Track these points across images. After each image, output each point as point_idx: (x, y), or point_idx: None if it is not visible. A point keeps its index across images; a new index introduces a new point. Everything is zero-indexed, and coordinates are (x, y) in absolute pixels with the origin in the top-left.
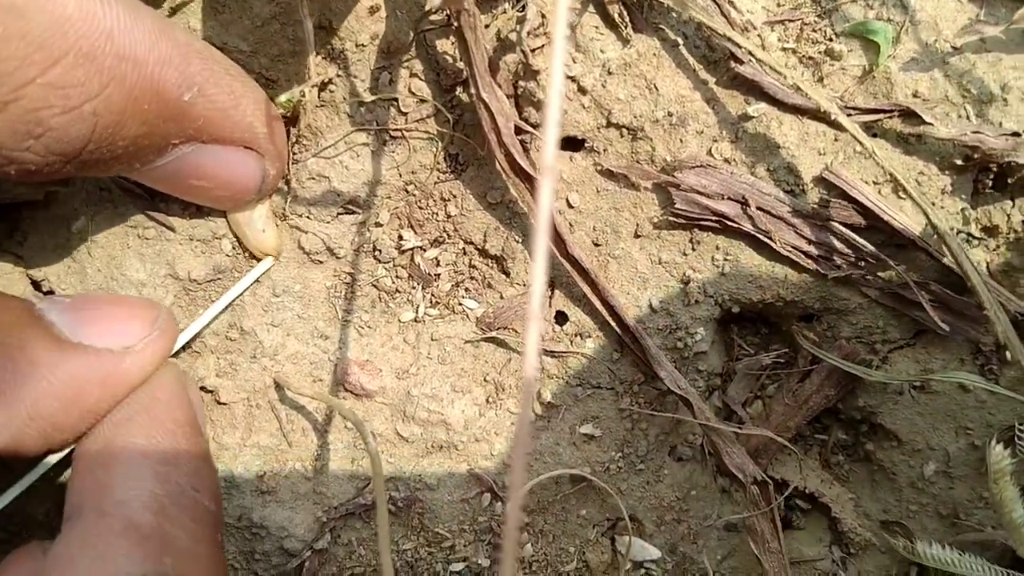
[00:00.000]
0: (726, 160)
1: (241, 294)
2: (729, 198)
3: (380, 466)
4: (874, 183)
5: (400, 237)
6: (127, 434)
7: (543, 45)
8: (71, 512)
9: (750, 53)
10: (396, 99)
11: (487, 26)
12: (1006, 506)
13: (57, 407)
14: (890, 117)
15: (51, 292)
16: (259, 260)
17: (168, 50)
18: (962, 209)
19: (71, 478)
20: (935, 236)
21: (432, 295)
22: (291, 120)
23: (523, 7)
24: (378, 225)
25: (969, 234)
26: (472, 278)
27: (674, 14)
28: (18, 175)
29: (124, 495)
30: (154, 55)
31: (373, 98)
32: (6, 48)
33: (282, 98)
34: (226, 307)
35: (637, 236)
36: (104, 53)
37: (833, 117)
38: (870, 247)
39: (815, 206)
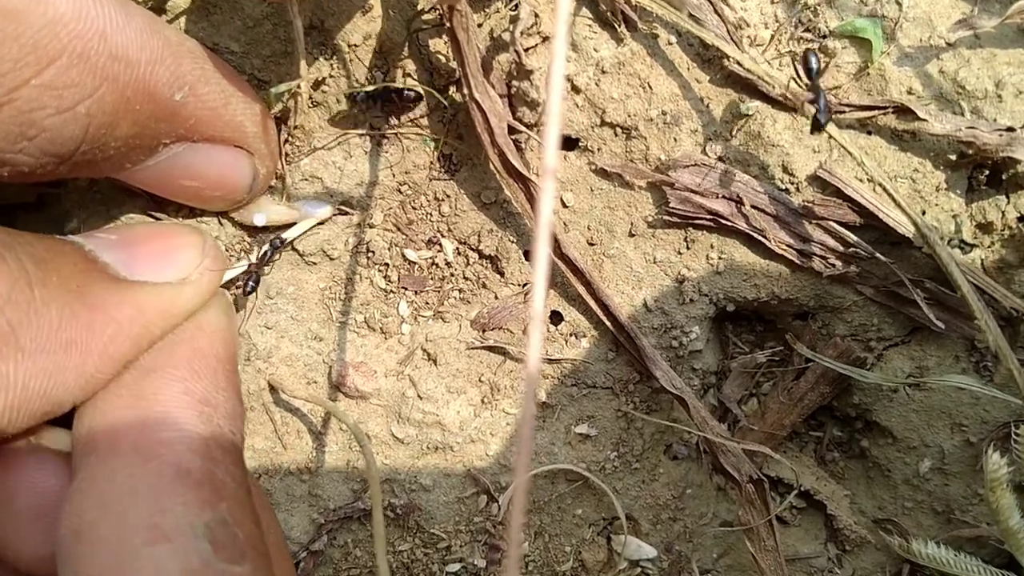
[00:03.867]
0: (720, 159)
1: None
2: (723, 197)
3: (375, 469)
4: (868, 180)
5: (394, 238)
6: (168, 364)
7: (536, 44)
8: (101, 442)
9: (738, 63)
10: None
11: (480, 25)
12: (1003, 514)
13: (128, 347)
14: (885, 114)
15: None
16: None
17: (159, 49)
18: (955, 216)
19: (96, 401)
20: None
21: (426, 296)
22: (282, 120)
23: (516, 6)
24: (371, 226)
25: (962, 241)
26: (466, 278)
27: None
28: (11, 176)
29: (167, 434)
30: (146, 54)
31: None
32: (0, 51)
33: (275, 90)
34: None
35: (632, 235)
36: (97, 53)
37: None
38: (865, 245)
39: (809, 204)
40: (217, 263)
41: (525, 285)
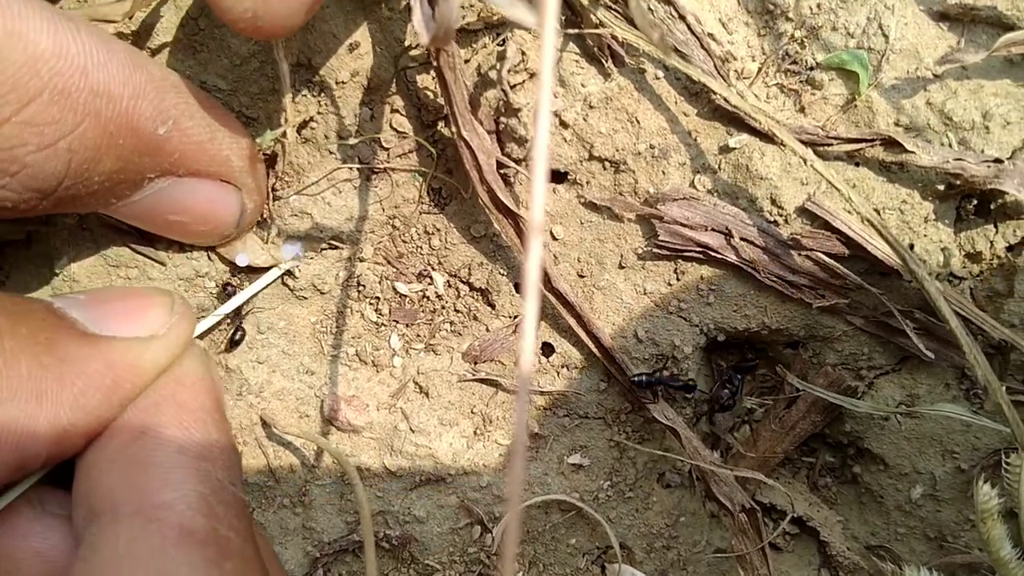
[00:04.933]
0: (709, 191)
1: (259, 292)
2: (712, 229)
3: (367, 508)
4: (857, 212)
5: (384, 271)
6: (157, 425)
7: (524, 81)
8: (100, 510)
9: (725, 99)
10: (378, 135)
11: (467, 61)
12: (993, 544)
13: (100, 399)
14: (872, 146)
15: None
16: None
17: (142, 84)
18: (943, 247)
19: (91, 469)
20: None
21: (417, 329)
22: (271, 158)
23: (503, 42)
24: (362, 260)
25: (951, 274)
26: (457, 311)
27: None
28: None
29: (167, 496)
30: (128, 89)
31: (356, 140)
32: None
33: (260, 139)
34: (243, 304)
35: (622, 267)
36: (78, 89)
37: (809, 163)
38: (853, 276)
39: (798, 236)
40: (186, 320)
41: (516, 317)
